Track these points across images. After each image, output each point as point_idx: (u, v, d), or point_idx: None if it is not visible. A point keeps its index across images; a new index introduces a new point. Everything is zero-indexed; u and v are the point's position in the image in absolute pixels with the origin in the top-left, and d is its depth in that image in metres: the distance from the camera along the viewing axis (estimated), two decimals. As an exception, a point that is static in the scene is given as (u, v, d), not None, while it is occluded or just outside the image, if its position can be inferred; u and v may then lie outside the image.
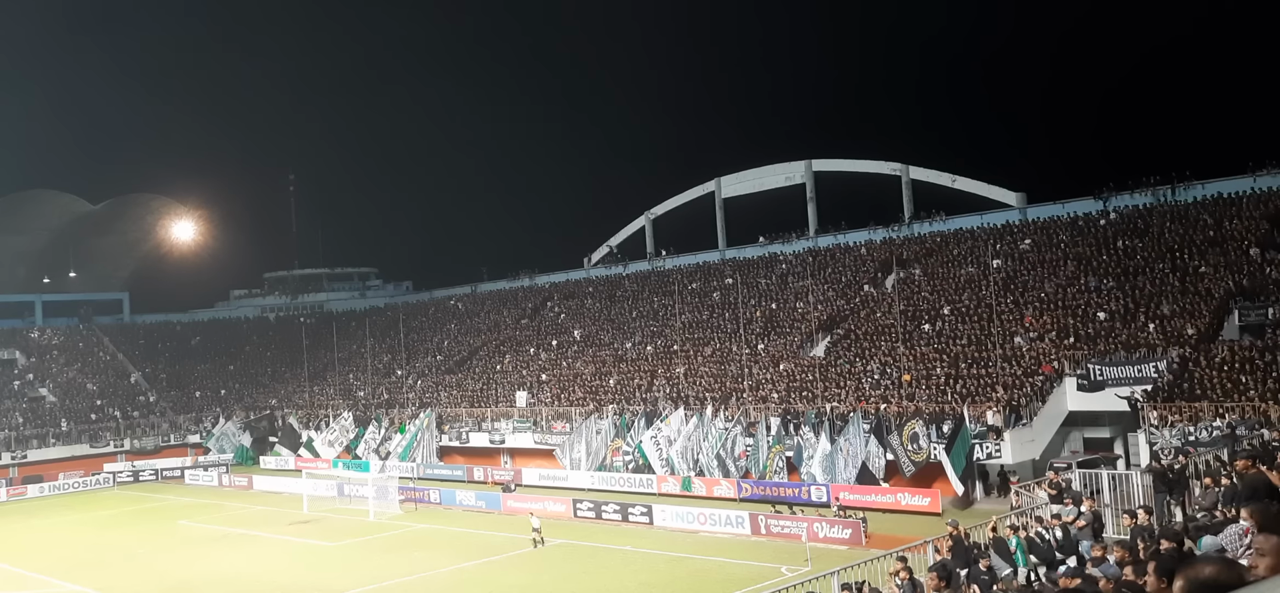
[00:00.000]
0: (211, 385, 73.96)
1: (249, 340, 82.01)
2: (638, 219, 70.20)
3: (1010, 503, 30.48)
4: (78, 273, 79.61)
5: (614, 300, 63.67)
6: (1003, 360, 39.10)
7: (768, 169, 63.87)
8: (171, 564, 35.40)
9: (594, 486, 43.52)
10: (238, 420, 65.41)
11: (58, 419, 64.91)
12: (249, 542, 39.07)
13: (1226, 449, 25.78)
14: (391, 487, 43.67)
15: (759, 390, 45.23)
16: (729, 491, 39.17)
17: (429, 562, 32.59)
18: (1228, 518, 12.28)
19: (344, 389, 67.22)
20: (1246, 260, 39.02)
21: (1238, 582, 3.57)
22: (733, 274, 58.28)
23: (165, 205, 78.06)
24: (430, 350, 69.27)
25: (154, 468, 61.61)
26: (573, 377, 55.15)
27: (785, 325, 50.90)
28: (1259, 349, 33.05)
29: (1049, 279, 44.06)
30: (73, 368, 72.44)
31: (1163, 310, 38.14)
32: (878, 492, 35.50)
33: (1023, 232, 49.85)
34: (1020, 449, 35.00)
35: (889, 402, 39.45)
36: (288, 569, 33.51)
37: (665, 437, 42.41)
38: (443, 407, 57.17)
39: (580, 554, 32.56)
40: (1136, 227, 45.33)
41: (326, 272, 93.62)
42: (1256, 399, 30.22)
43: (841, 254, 56.49)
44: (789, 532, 31.84)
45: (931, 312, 45.53)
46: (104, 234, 79.82)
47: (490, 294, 75.54)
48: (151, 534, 42.12)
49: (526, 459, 49.68)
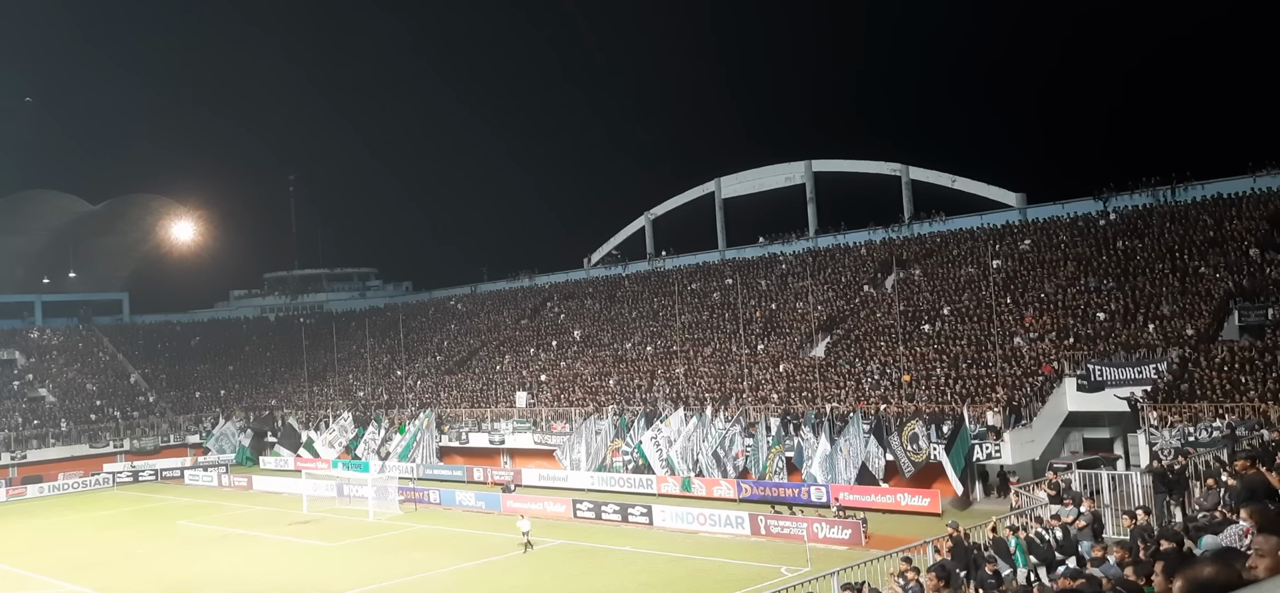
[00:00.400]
0: (211, 386, 73.95)
1: (249, 341, 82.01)
2: (638, 219, 70.20)
3: (1010, 504, 30.47)
4: (77, 273, 79.56)
5: (614, 301, 63.67)
6: (1002, 361, 39.09)
7: (768, 169, 63.87)
8: (171, 565, 35.40)
9: (594, 486, 43.52)
10: (237, 421, 65.42)
11: (57, 419, 64.90)
12: (249, 542, 39.06)
13: (1226, 450, 25.77)
14: (391, 487, 43.68)
15: (759, 391, 45.22)
16: (729, 491, 39.16)
17: (428, 562, 32.59)
18: (1228, 518, 12.28)
19: (344, 390, 67.22)
20: (1246, 261, 39.01)
21: (1237, 582, 3.58)
22: (733, 274, 58.28)
23: (165, 205, 77.99)
24: (430, 351, 69.27)
25: (153, 468, 61.60)
26: (572, 377, 55.15)
27: (785, 326, 50.90)
28: (1259, 350, 33.04)
29: (1049, 279, 44.05)
30: (72, 368, 72.43)
31: (1162, 311, 38.14)
32: (877, 492, 35.50)
33: (1022, 232, 49.85)
34: (1020, 450, 34.99)
35: (889, 402, 39.45)
36: (287, 570, 33.50)
37: (665, 437, 42.41)
38: (442, 407, 57.17)
39: (580, 555, 32.55)
40: (1136, 227, 45.33)
41: (326, 272, 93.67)
42: (1256, 400, 30.21)
43: (841, 254, 56.49)
44: (789, 532, 31.84)
45: (931, 312, 45.53)
46: (104, 234, 79.77)
47: (490, 294, 75.54)
48: (151, 535, 42.12)
49: (526, 460, 49.68)
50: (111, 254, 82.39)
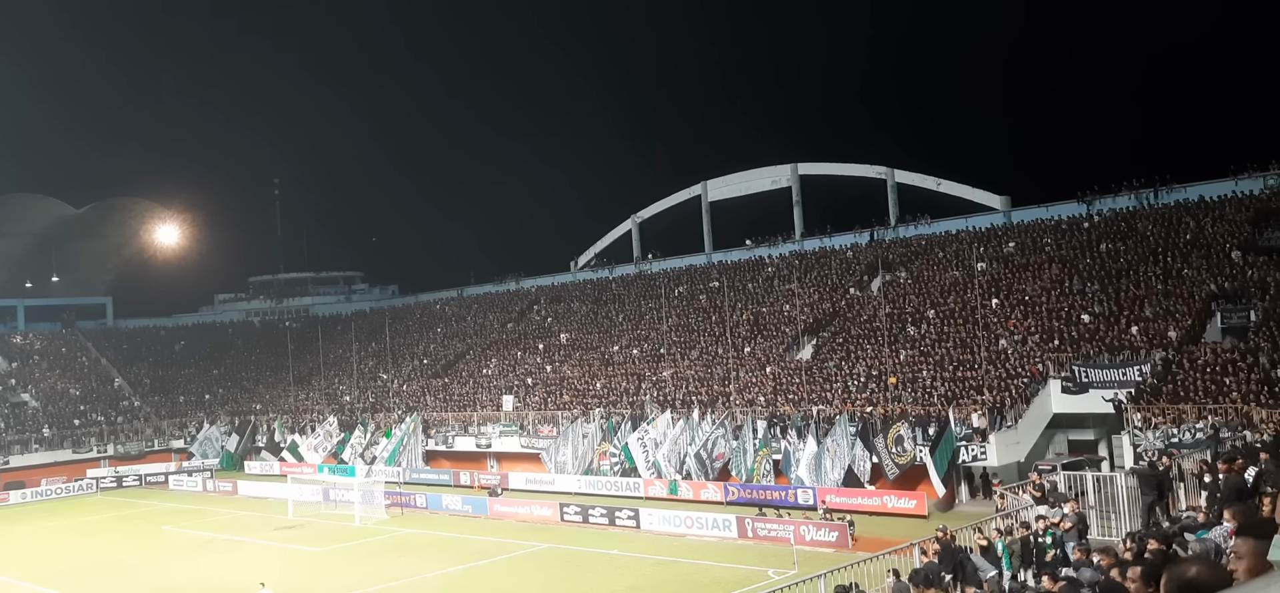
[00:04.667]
0: (196, 390, 73.55)
1: (234, 345, 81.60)
2: (624, 222, 70.21)
3: (995, 506, 30.60)
4: (60, 277, 78.92)
5: (600, 304, 63.65)
6: (988, 363, 39.28)
7: (753, 172, 64.00)
8: (156, 571, 35.17)
9: (581, 489, 43.48)
10: (222, 425, 65.06)
11: (40, 425, 64.42)
12: (234, 548, 38.84)
13: (1210, 451, 25.96)
14: (377, 492, 43.53)
15: (746, 393, 45.28)
16: (716, 494, 39.19)
17: (415, 567, 32.49)
18: (1212, 519, 12.38)
19: (329, 393, 66.95)
20: (1228, 263, 39.31)
21: (1222, 583, 3.61)
22: (719, 277, 58.35)
23: (149, 209, 77.46)
24: (416, 354, 69.07)
25: (138, 474, 61.13)
26: (559, 380, 55.10)
27: (772, 328, 51.00)
28: (1241, 352, 33.29)
29: (1033, 282, 44.29)
30: (55, 373, 71.92)
31: (1146, 313, 38.39)
32: (864, 494, 35.59)
33: (1007, 234, 50.10)
34: (1005, 451, 35.14)
35: (875, 404, 39.58)
36: (273, 575, 33.31)
37: (652, 440, 42.41)
38: (429, 411, 57.00)
39: (567, 559, 32.52)
40: (1119, 229, 45.62)
41: (312, 275, 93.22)
42: (1239, 401, 30.44)
43: (827, 257, 56.64)
44: (776, 535, 31.89)
45: (917, 314, 45.69)
46: (87, 238, 79.20)
47: (476, 297, 75.40)
48: (135, 540, 41.84)
49: (513, 463, 49.60)
50: (95, 258, 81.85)
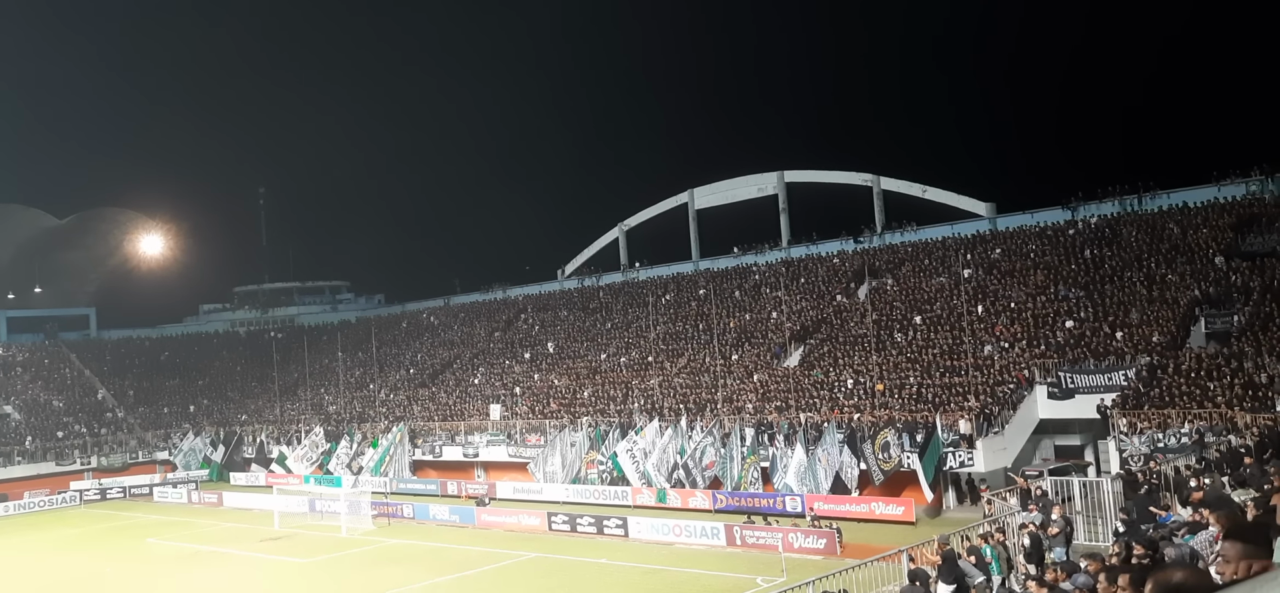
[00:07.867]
0: (180, 401, 73.07)
1: (219, 355, 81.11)
2: (611, 231, 70.19)
3: (982, 512, 30.67)
4: (43, 288, 78.33)
5: (588, 312, 63.60)
6: (974, 369, 39.39)
7: (740, 180, 64.12)
8: (140, 584, 34.90)
9: (568, 499, 43.36)
10: (207, 436, 64.67)
11: (23, 437, 63.88)
12: (220, 560, 38.57)
13: (1195, 455, 26.10)
14: (364, 502, 43.30)
15: (734, 401, 45.29)
16: (704, 502, 39.16)
17: (402, 577, 32.30)
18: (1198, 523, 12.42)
19: (315, 404, 66.63)
20: (1212, 269, 39.56)
21: (1207, 588, 3.61)
22: (706, 285, 58.39)
23: (133, 219, 77.04)
24: (403, 364, 68.84)
25: (122, 486, 60.66)
26: (547, 389, 55.00)
27: (759, 336, 51.04)
28: (1225, 357, 33.48)
29: (1019, 288, 44.48)
30: (38, 384, 71.34)
31: (1131, 318, 38.59)
32: (852, 501, 35.61)
33: (993, 241, 50.32)
34: (992, 457, 35.23)
35: (862, 411, 39.63)
36: (259, 587, 33.12)
37: (640, 448, 42.35)
38: (416, 421, 56.81)
39: (555, 568, 32.40)
40: (1104, 236, 45.88)
41: (297, 285, 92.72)
42: (1223, 405, 30.62)
43: (814, 264, 56.75)
44: (764, 542, 31.85)
45: (904, 321, 45.81)
46: (70, 248, 78.70)
47: (463, 307, 75.21)
48: (120, 553, 41.47)
49: (501, 473, 49.45)
50: (78, 269, 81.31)
